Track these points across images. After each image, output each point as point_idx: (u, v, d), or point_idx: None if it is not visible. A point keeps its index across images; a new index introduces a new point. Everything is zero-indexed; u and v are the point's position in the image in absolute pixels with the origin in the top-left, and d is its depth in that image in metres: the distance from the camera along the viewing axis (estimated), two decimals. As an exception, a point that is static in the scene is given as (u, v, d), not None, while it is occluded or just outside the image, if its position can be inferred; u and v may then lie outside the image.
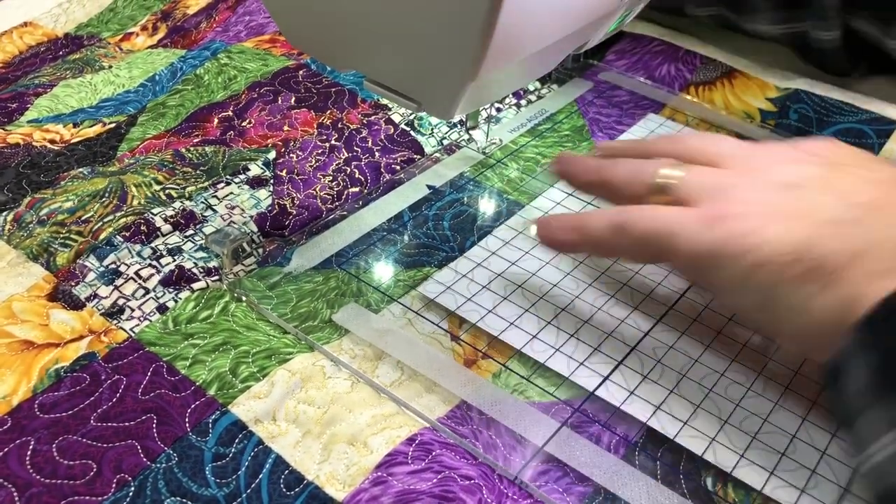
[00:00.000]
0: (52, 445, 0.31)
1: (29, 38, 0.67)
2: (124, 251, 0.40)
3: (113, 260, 0.40)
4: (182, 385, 0.34)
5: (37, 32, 0.68)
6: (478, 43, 0.27)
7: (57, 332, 0.37)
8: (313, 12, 0.33)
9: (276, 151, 0.48)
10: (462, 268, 0.41)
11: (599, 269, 0.41)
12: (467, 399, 0.34)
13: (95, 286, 0.39)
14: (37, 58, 0.64)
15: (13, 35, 0.67)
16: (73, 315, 0.38)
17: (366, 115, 0.51)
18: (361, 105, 0.52)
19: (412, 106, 0.33)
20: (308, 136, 0.49)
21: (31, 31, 0.68)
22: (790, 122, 0.53)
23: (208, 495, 0.30)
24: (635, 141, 0.42)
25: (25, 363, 0.35)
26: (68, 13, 0.71)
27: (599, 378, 0.35)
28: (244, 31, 0.63)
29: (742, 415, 0.34)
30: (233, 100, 0.53)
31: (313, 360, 0.35)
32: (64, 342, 0.36)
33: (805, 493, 0.31)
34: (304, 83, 0.54)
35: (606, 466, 0.32)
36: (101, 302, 0.38)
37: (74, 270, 0.40)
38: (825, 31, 0.53)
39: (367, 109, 0.52)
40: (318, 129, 0.49)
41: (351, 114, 0.51)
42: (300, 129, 0.50)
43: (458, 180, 0.47)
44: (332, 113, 0.51)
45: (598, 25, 0.38)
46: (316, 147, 0.48)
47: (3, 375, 0.34)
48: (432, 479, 0.31)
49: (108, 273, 0.40)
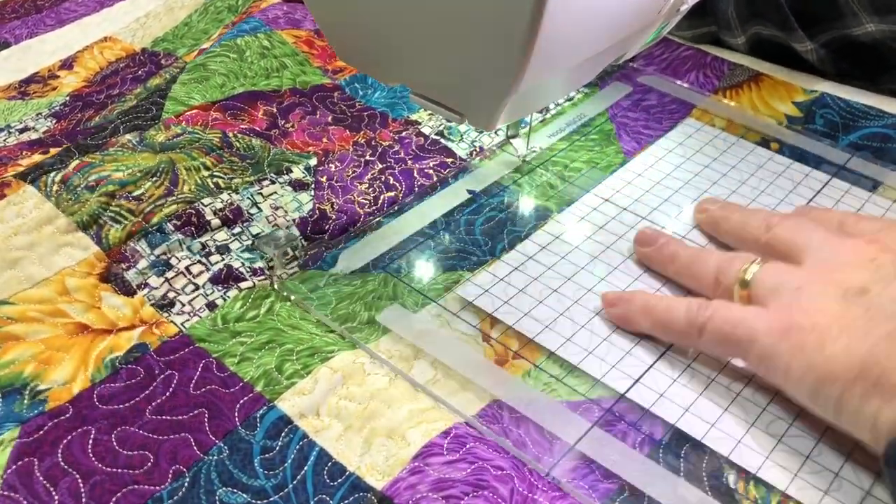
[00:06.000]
0: (112, 436, 0.34)
1: (109, 54, 0.70)
2: (175, 243, 0.42)
3: (164, 250, 0.42)
4: (231, 381, 0.36)
5: (116, 47, 0.71)
6: (519, 56, 0.29)
7: (109, 318, 0.39)
8: (360, 27, 0.35)
9: (317, 159, 0.50)
10: (499, 271, 0.43)
11: (633, 276, 0.42)
12: (500, 397, 0.36)
13: (147, 275, 0.41)
14: (117, 76, 0.67)
15: (94, 50, 0.70)
16: (125, 301, 0.40)
17: (397, 132, 0.53)
18: (392, 124, 0.54)
19: (455, 118, 0.34)
20: (344, 150, 0.51)
21: (110, 46, 0.71)
22: (817, 127, 0.54)
23: (257, 486, 0.32)
24: (735, 208, 0.44)
25: (82, 348, 0.37)
26: (145, 27, 0.73)
27: (631, 380, 0.37)
28: (283, 19, 0.64)
29: (768, 418, 0.35)
30: (276, 95, 0.55)
31: (353, 358, 0.37)
32: (116, 329, 0.38)
33: (828, 494, 0.32)
34: (339, 105, 0.55)
35: (633, 464, 0.33)
36: (153, 292, 0.40)
37: (126, 252, 0.42)
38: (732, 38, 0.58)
39: (398, 127, 0.53)
40: (354, 146, 0.51)
41: (383, 133, 0.53)
42: (337, 143, 0.51)
43: (496, 186, 0.49)
44: (366, 133, 0.53)
45: (636, 38, 0.39)
46: (352, 160, 0.50)
47: (62, 360, 0.37)
48: (466, 468, 0.32)
49: (160, 264, 0.42)
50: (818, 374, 0.31)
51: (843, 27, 0.55)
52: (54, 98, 0.64)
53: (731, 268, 0.37)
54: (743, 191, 0.49)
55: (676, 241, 0.42)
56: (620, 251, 0.44)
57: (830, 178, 0.50)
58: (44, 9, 0.80)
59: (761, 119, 0.55)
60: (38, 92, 0.66)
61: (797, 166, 0.51)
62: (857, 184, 0.50)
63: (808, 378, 0.32)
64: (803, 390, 0.33)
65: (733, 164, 0.51)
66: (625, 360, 0.38)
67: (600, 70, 0.40)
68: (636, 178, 0.50)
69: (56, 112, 0.63)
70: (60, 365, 0.36)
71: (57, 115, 0.62)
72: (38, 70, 0.69)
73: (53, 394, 0.35)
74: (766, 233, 0.39)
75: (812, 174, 0.50)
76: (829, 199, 0.48)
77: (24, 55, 0.71)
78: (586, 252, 0.44)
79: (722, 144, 0.53)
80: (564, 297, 0.41)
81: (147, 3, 0.78)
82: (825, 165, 0.51)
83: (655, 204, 0.48)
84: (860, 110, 0.53)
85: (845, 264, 0.34)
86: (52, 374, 0.36)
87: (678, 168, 0.51)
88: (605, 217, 0.46)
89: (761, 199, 0.48)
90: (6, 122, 0.61)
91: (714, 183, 0.49)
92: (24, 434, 0.33)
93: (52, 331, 0.38)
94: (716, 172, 0.50)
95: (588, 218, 0.46)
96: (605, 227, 0.46)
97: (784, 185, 0.49)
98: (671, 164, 0.51)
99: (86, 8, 0.79)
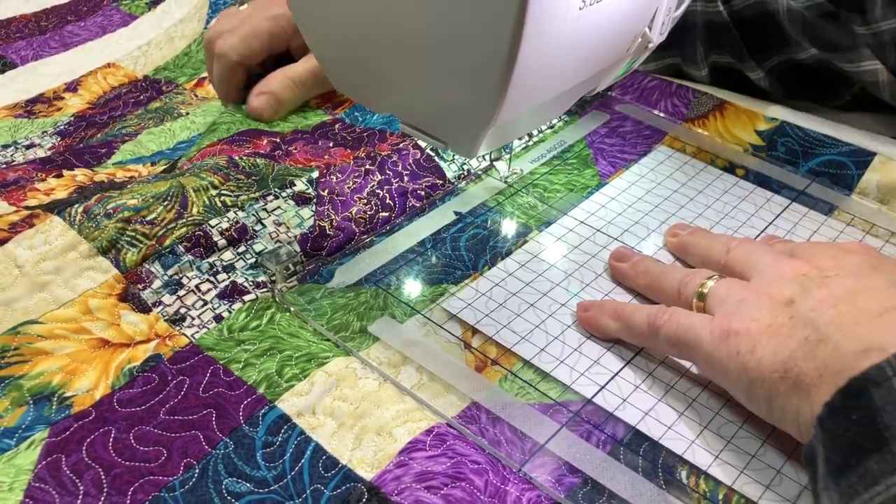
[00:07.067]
0: (130, 434, 0.37)
1: (112, 80, 0.74)
2: (186, 263, 0.46)
3: (176, 271, 0.46)
4: (236, 384, 0.40)
5: (119, 73, 0.75)
6: (496, 93, 0.32)
7: (127, 333, 0.43)
8: (354, 62, 0.39)
9: (319, 172, 0.53)
10: (481, 287, 0.47)
11: (604, 292, 0.46)
12: (479, 400, 0.40)
13: (161, 294, 0.45)
14: (119, 99, 0.71)
15: (98, 75, 0.74)
16: (142, 318, 0.44)
17: (394, 145, 0.57)
18: (390, 137, 0.58)
19: (440, 145, 0.38)
20: (346, 163, 0.55)
21: (113, 72, 0.75)
22: (779, 154, 0.58)
23: (259, 476, 0.36)
24: (702, 233, 0.49)
25: (103, 360, 0.41)
26: (147, 55, 0.77)
27: (597, 386, 0.41)
28: None
29: (720, 422, 0.39)
30: (278, 135, 0.59)
31: (346, 364, 0.41)
32: (134, 343, 0.42)
33: (769, 489, 0.36)
34: (340, 133, 0.59)
35: (596, 461, 0.37)
36: (166, 309, 0.44)
37: (141, 274, 0.45)
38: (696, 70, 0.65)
39: (395, 140, 0.57)
40: (354, 160, 0.55)
41: (381, 146, 0.57)
42: (339, 159, 0.55)
43: (481, 208, 0.53)
44: (366, 148, 0.57)
45: (607, 72, 0.43)
46: (353, 171, 0.54)
47: (86, 371, 0.40)
48: (446, 462, 0.36)
49: (172, 283, 0.45)
50: (750, 375, 0.35)
51: (788, 52, 0.60)
52: (59, 118, 0.68)
53: (692, 282, 0.42)
54: (709, 214, 0.53)
55: (649, 259, 0.47)
56: (593, 269, 0.48)
57: (790, 202, 0.54)
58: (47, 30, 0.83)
59: (728, 146, 0.60)
60: (43, 112, 0.70)
61: (760, 191, 0.55)
62: (814, 208, 0.54)
63: (742, 379, 0.36)
64: (740, 390, 0.37)
65: (701, 188, 0.55)
66: (593, 368, 0.42)
67: (575, 102, 0.44)
68: (610, 202, 0.54)
69: (61, 130, 0.67)
70: (84, 375, 0.40)
71: (62, 134, 0.66)
72: (43, 91, 0.72)
73: (78, 400, 0.39)
74: (725, 255, 0.44)
75: (773, 199, 0.54)
76: (788, 221, 0.52)
77: (29, 76, 0.75)
78: (562, 270, 0.48)
79: (691, 170, 0.57)
80: (540, 311, 0.45)
81: (148, 32, 0.82)
82: (786, 191, 0.55)
83: (627, 226, 0.52)
84: (817, 138, 0.57)
85: (781, 280, 0.38)
86: (77, 383, 0.40)
87: (649, 192, 0.55)
88: (579, 238, 0.51)
89: (725, 221, 0.52)
90: (13, 139, 0.65)
91: (682, 206, 0.53)
92: (53, 434, 0.37)
93: (77, 346, 0.42)
94: (684, 196, 0.54)
95: (564, 238, 0.51)
96: (579, 246, 0.50)
97: (747, 208, 0.53)
98: (643, 188, 0.55)
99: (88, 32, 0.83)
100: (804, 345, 0.34)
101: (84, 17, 0.86)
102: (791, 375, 0.34)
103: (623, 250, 0.48)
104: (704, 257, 0.46)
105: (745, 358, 0.36)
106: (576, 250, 0.50)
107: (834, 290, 0.35)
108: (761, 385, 0.35)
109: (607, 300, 0.45)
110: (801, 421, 0.34)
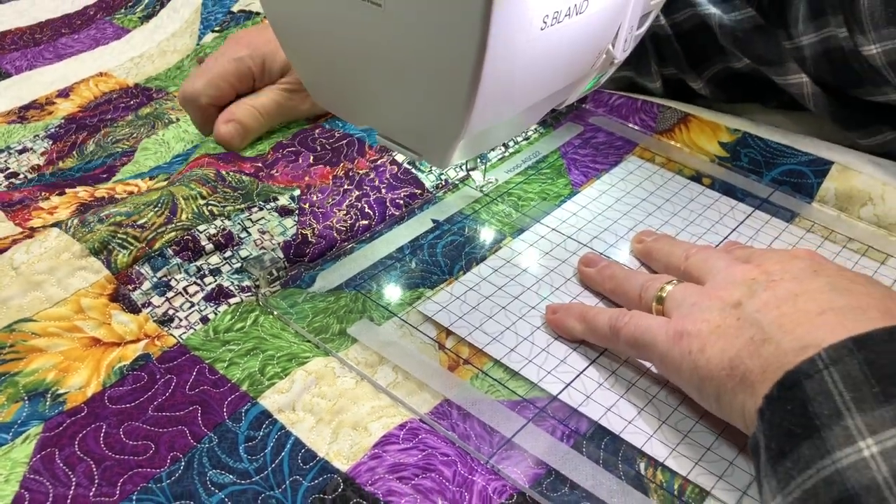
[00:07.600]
0: (120, 429, 0.40)
1: (104, 86, 0.76)
2: (174, 266, 0.48)
3: (165, 273, 0.48)
4: (221, 382, 0.42)
5: (110, 81, 0.77)
6: (464, 107, 0.34)
7: (118, 332, 0.45)
8: (332, 77, 0.41)
9: (301, 190, 0.56)
10: (456, 290, 0.49)
11: (572, 295, 0.49)
12: (450, 397, 0.42)
13: (150, 295, 0.47)
14: (110, 104, 0.73)
15: (90, 83, 0.76)
16: (132, 318, 0.46)
17: (373, 161, 0.59)
18: (369, 151, 0.60)
19: (415, 157, 0.40)
20: (325, 184, 0.57)
21: (105, 80, 0.77)
22: (743, 164, 0.61)
23: (242, 468, 0.38)
24: (665, 240, 0.51)
25: (95, 359, 0.43)
26: (139, 67, 0.79)
27: (563, 384, 0.43)
28: None
29: (678, 417, 0.41)
30: (260, 158, 0.61)
31: (325, 363, 0.43)
32: (124, 342, 0.44)
33: (722, 479, 0.39)
34: (320, 139, 0.62)
35: (560, 454, 0.39)
36: (155, 310, 0.46)
37: (132, 275, 0.48)
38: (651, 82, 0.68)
39: (373, 155, 0.60)
40: (333, 180, 0.57)
41: (360, 162, 0.59)
42: (319, 180, 0.58)
43: (457, 216, 0.55)
44: (345, 165, 0.59)
45: (574, 87, 0.45)
46: (332, 191, 0.56)
47: (78, 369, 0.43)
48: (417, 455, 0.38)
49: (161, 285, 0.48)
50: (701, 373, 0.38)
51: (725, 61, 0.64)
52: (50, 121, 0.70)
53: (652, 287, 0.44)
54: (675, 221, 0.55)
55: (615, 264, 0.49)
56: (563, 274, 0.50)
57: (754, 210, 0.57)
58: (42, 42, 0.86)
59: (696, 157, 0.62)
60: (35, 116, 0.72)
61: (725, 199, 0.58)
62: (776, 215, 0.56)
63: (694, 377, 0.38)
64: (692, 387, 0.39)
65: (668, 197, 0.58)
66: (559, 367, 0.44)
67: (545, 114, 0.46)
68: (581, 210, 0.56)
69: (52, 133, 0.69)
70: (77, 373, 0.42)
71: (53, 137, 0.68)
72: (36, 98, 0.74)
73: (71, 396, 0.41)
74: (685, 261, 0.46)
75: (738, 206, 0.57)
76: (751, 228, 0.55)
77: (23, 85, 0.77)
78: (533, 275, 0.50)
79: (660, 179, 0.60)
80: (511, 313, 0.47)
81: (141, 44, 0.84)
82: (750, 199, 0.58)
83: (597, 232, 0.54)
84: (777, 149, 0.60)
85: (731, 284, 0.40)
86: (70, 380, 0.42)
87: (619, 201, 0.57)
88: (551, 244, 0.53)
89: (690, 228, 0.55)
90: (6, 144, 0.67)
91: (650, 214, 0.56)
92: (47, 429, 0.39)
93: (70, 344, 0.44)
94: (652, 205, 0.57)
95: (537, 245, 0.53)
96: (550, 252, 0.52)
97: (712, 216, 0.56)
98: (613, 197, 0.58)
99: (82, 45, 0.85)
100: (750, 344, 0.36)
101: (78, 31, 0.88)
102: (738, 373, 0.36)
103: (591, 256, 0.50)
104: (666, 263, 0.48)
105: (696, 357, 0.38)
106: (547, 256, 0.52)
107: (778, 293, 0.38)
108: (711, 382, 0.37)
109: (574, 303, 0.48)
110: (746, 415, 0.36)
